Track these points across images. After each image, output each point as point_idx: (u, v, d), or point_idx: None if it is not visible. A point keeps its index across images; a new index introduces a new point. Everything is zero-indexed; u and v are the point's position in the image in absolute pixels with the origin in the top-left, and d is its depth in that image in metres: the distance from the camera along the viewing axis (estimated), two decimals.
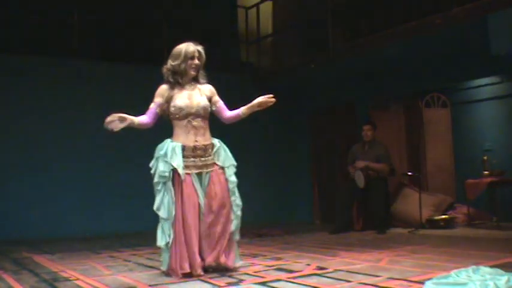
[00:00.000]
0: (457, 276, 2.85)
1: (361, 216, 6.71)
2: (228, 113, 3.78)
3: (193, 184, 3.53)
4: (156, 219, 3.57)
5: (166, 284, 3.24)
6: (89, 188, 6.98)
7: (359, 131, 6.90)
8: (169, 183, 3.50)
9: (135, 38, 8.12)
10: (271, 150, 8.59)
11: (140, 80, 7.32)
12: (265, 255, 4.45)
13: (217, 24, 8.71)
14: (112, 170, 7.14)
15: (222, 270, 3.52)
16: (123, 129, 3.43)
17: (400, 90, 7.40)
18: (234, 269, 3.57)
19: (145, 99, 3.71)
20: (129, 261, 4.33)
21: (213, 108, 3.75)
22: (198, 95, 3.66)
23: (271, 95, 3.65)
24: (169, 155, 3.51)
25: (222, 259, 3.51)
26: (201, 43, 3.73)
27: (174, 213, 3.46)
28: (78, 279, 3.48)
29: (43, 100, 6.90)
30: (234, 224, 3.59)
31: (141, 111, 3.60)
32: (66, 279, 3.47)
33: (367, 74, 7.32)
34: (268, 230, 6.78)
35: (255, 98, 3.92)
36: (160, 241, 3.50)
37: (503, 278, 2.73)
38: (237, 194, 3.63)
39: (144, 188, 7.24)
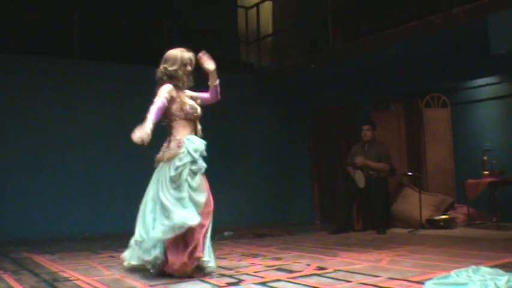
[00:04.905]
0: (457, 276, 2.85)
1: (361, 216, 6.71)
2: (208, 94, 3.85)
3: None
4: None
5: (166, 284, 3.24)
6: (89, 188, 6.98)
7: (359, 131, 6.90)
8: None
9: (135, 38, 8.12)
10: (272, 150, 8.58)
11: (140, 80, 7.29)
12: (265, 255, 4.44)
13: (217, 24, 8.71)
14: (112, 170, 7.13)
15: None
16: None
17: (400, 90, 7.41)
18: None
19: (145, 99, 3.70)
20: None
21: (199, 102, 3.79)
22: (190, 99, 3.74)
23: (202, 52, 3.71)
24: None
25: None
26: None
27: None
28: (78, 279, 3.48)
29: (42, 100, 6.89)
30: None
31: (141, 111, 3.58)
32: (66, 279, 3.48)
33: (367, 74, 7.32)
34: (268, 230, 6.77)
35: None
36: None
37: (503, 278, 2.74)
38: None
39: (144, 188, 7.31)
